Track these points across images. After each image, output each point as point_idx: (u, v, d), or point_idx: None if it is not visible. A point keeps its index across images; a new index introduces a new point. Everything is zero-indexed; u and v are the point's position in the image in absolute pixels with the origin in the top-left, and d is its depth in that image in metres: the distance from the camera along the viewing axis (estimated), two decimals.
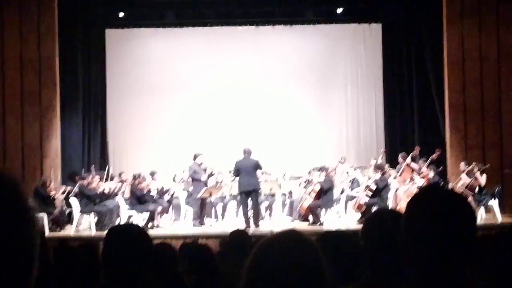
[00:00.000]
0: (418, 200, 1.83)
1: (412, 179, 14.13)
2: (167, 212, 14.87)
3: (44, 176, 14.28)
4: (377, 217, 2.52)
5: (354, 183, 15.10)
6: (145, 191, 13.95)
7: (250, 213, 13.43)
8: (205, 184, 13.90)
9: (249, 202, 13.39)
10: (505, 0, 15.66)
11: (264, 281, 1.64)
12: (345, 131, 19.03)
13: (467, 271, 1.74)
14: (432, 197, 1.80)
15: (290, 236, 1.75)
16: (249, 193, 13.33)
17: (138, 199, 13.72)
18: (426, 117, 17.41)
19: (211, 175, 14.47)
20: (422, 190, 1.94)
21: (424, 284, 1.73)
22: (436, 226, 1.72)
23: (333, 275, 1.73)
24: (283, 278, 1.63)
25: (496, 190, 13.96)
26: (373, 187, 13.64)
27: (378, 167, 13.99)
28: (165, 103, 18.60)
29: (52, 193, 13.59)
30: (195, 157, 14.16)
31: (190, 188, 14.53)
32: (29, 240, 1.23)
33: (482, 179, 13.66)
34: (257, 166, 13.47)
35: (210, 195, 13.67)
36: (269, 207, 15.31)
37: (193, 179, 14.15)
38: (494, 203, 13.67)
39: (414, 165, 15.05)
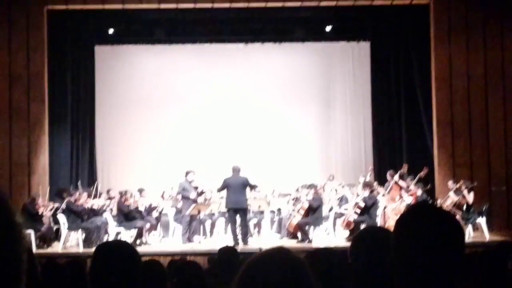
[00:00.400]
0: (407, 218, 1.83)
1: (400, 196, 14.15)
2: (155, 229, 14.82)
3: (33, 193, 14.20)
4: (365, 235, 2.52)
5: (342, 200, 15.12)
6: (132, 208, 13.89)
7: (238, 230, 13.41)
8: (194, 201, 13.85)
9: (237, 218, 13.37)
10: (492, 18, 15.82)
11: None
12: (333, 148, 19.06)
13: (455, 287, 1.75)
14: (420, 215, 1.81)
15: (278, 253, 1.75)
16: (237, 211, 13.33)
17: (125, 216, 13.66)
18: (414, 135, 17.46)
19: (201, 193, 14.42)
20: (410, 208, 1.95)
21: None
22: (425, 244, 1.72)
23: None
24: None
25: (484, 208, 14.00)
26: (362, 204, 13.66)
27: (367, 185, 14.02)
28: (154, 119, 18.57)
29: (41, 209, 13.52)
30: (186, 174, 14.13)
31: (179, 205, 14.49)
32: (16, 255, 1.22)
33: (470, 197, 13.70)
34: (246, 184, 13.46)
35: (199, 212, 13.63)
36: (258, 224, 15.28)
37: (182, 196, 14.12)
38: (482, 221, 13.71)
39: (402, 183, 15.08)
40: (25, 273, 1.25)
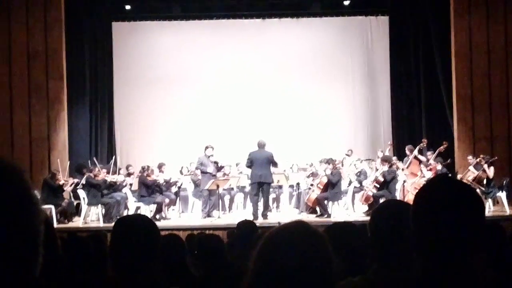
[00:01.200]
0: (426, 190, 1.82)
1: (420, 171, 14.10)
2: (174, 204, 14.91)
3: (53, 169, 14.33)
4: (384, 208, 2.51)
5: (361, 175, 15.08)
6: (157, 180, 13.99)
7: (259, 204, 13.44)
8: (213, 176, 13.88)
9: (260, 193, 13.40)
10: None
11: (272, 271, 1.64)
12: (352, 124, 18.99)
13: (475, 259, 1.74)
14: (440, 187, 1.80)
15: (297, 226, 1.75)
16: (261, 184, 13.35)
17: (148, 188, 13.72)
18: (434, 110, 17.34)
19: (220, 168, 14.45)
20: (430, 181, 1.94)
21: (432, 274, 1.73)
22: (445, 216, 1.71)
23: (340, 266, 1.73)
24: (291, 268, 1.63)
25: (504, 182, 13.92)
26: (381, 179, 13.61)
27: (385, 159, 13.95)
28: (171, 95, 18.60)
29: (61, 182, 13.62)
30: (205, 148, 14.15)
31: (198, 180, 14.54)
32: (33, 227, 1.23)
33: (490, 172, 13.62)
34: (271, 159, 13.44)
35: (218, 187, 13.67)
36: (276, 199, 15.32)
37: (201, 171, 14.15)
38: (502, 195, 13.64)
39: (421, 157, 15.03)
40: (42, 245, 1.26)
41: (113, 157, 15.81)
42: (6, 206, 1.18)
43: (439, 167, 14.04)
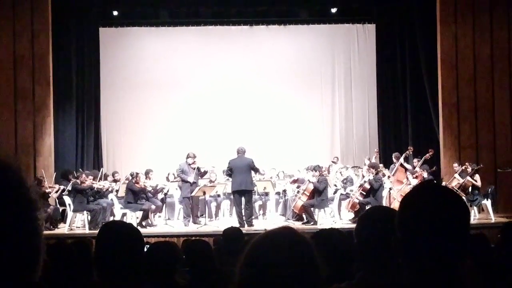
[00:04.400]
0: (412, 196, 1.83)
1: (406, 178, 14.16)
2: (160, 211, 14.86)
3: (39, 175, 14.23)
4: (370, 215, 2.52)
5: (347, 182, 15.13)
6: (143, 186, 13.92)
7: (243, 212, 13.41)
8: (191, 185, 13.83)
9: (243, 200, 13.36)
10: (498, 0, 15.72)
11: (259, 277, 1.64)
12: (338, 131, 19.03)
13: (461, 266, 1.75)
14: (426, 193, 1.81)
15: (284, 232, 1.74)
16: (242, 193, 13.31)
17: (135, 195, 13.65)
18: (420, 117, 17.42)
19: (204, 173, 14.43)
20: (416, 187, 1.94)
21: (418, 280, 1.73)
22: (430, 222, 1.72)
23: (327, 273, 1.73)
24: (278, 274, 1.63)
25: (489, 189, 14.00)
26: (367, 186, 13.64)
27: (372, 166, 13.99)
28: (159, 101, 18.56)
29: (47, 191, 13.54)
30: (187, 156, 14.12)
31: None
32: (32, 231, 1.22)
33: (475, 179, 13.70)
34: (251, 165, 13.42)
35: (204, 193, 13.65)
36: (263, 206, 15.31)
37: (181, 179, 14.13)
38: (487, 203, 13.72)
39: (407, 166, 15.12)
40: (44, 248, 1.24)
41: (102, 168, 15.74)
42: (5, 209, 1.17)
43: (425, 174, 14.11)
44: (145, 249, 3.19)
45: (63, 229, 13.31)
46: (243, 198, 13.33)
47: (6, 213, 1.17)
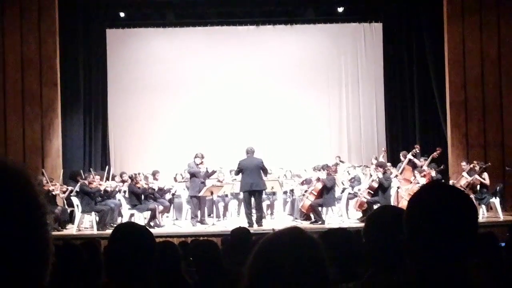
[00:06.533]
0: (420, 196, 1.83)
1: (414, 177, 14.13)
2: (168, 211, 14.89)
3: (39, 176, 14.11)
4: (379, 214, 2.52)
5: (355, 181, 15.10)
6: (146, 186, 13.93)
7: (253, 212, 13.39)
8: (202, 183, 13.82)
9: (252, 201, 13.34)
10: None
11: (267, 277, 1.64)
12: (346, 130, 19.02)
13: (469, 264, 1.75)
14: (434, 193, 1.81)
15: (292, 232, 1.75)
16: (252, 193, 13.27)
17: (138, 197, 13.68)
18: (427, 116, 17.39)
19: (212, 173, 14.43)
20: (424, 187, 1.95)
21: (426, 280, 1.73)
22: (438, 222, 1.72)
23: (335, 272, 1.73)
24: (286, 274, 1.63)
25: (498, 188, 13.96)
26: (375, 185, 13.63)
27: (379, 165, 13.97)
28: (165, 102, 18.60)
29: (51, 188, 13.48)
30: (195, 156, 14.13)
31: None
32: (42, 235, 1.22)
33: (486, 178, 13.65)
34: (261, 166, 13.37)
35: (212, 193, 13.66)
36: (271, 206, 15.31)
37: (190, 176, 14.08)
38: (495, 201, 13.67)
39: (416, 160, 15.09)
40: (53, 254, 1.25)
41: (107, 167, 15.77)
42: (13, 213, 1.17)
43: (433, 173, 14.08)
44: None
45: (71, 230, 13.34)
46: (252, 199, 13.30)
47: (14, 217, 1.17)
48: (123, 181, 14.93)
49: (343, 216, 14.17)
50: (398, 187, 14.05)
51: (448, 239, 1.71)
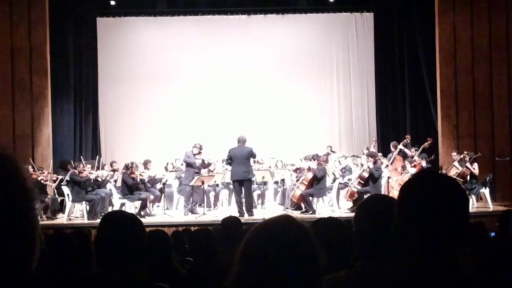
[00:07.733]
0: (411, 184, 1.83)
1: (404, 167, 14.17)
2: (159, 201, 14.88)
3: (26, 164, 14.04)
4: (369, 203, 2.51)
5: (346, 171, 15.13)
6: (138, 179, 13.91)
7: (244, 202, 13.41)
8: (197, 173, 13.87)
9: (242, 190, 13.37)
10: None
11: (258, 265, 1.64)
12: (337, 120, 19.02)
13: (459, 253, 1.75)
14: (425, 181, 1.81)
15: (283, 220, 1.74)
16: (242, 182, 13.31)
17: (129, 188, 13.67)
18: (418, 106, 17.43)
19: (207, 165, 14.44)
20: (416, 174, 1.95)
21: (417, 268, 1.74)
22: (430, 210, 1.72)
23: (326, 261, 1.73)
24: (277, 262, 1.63)
25: (488, 178, 14.03)
26: (365, 175, 13.66)
27: (371, 155, 14.01)
28: (156, 91, 18.53)
29: (39, 178, 13.43)
30: (193, 146, 14.16)
31: (182, 175, 14.51)
32: (29, 221, 1.21)
33: (475, 168, 13.72)
34: (251, 154, 13.42)
35: (203, 183, 13.66)
36: (261, 195, 15.31)
37: (186, 165, 14.09)
38: (485, 191, 13.74)
39: (406, 150, 15.13)
40: (40, 237, 1.24)
41: (97, 157, 15.71)
42: (0, 196, 1.16)
43: (423, 163, 14.12)
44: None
45: (61, 219, 13.32)
46: (242, 188, 13.34)
47: (1, 201, 1.16)
48: (114, 170, 14.88)
49: (334, 206, 14.20)
50: (388, 177, 14.10)
51: (439, 227, 1.71)
